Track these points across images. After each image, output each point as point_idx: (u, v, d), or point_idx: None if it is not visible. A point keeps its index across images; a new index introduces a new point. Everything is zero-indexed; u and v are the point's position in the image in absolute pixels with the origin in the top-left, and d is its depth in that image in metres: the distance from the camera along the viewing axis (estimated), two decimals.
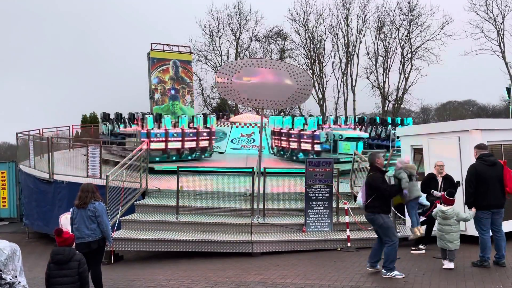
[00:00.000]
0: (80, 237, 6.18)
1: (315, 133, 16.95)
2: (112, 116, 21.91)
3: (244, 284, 6.76)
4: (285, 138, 18.04)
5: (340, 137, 16.97)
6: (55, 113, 69.70)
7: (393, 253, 6.69)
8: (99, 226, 6.26)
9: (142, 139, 15.43)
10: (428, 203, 8.53)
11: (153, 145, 15.71)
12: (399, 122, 22.97)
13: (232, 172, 13.05)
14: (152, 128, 16.45)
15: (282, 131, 18.44)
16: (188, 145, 16.69)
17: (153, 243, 9.69)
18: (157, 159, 15.94)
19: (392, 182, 7.40)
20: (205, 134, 17.17)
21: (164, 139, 16.08)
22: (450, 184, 8.41)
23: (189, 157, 16.84)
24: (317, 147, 16.57)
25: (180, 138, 16.47)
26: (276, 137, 18.87)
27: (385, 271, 6.72)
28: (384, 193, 6.67)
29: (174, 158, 16.39)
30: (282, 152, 18.45)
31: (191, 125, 17.88)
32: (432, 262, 7.79)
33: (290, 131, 17.89)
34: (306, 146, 16.98)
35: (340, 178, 11.19)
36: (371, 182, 6.74)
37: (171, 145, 16.30)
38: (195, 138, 16.87)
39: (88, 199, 6.29)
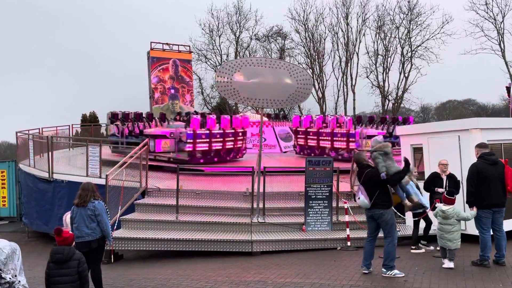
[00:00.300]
0: (80, 236, 6.17)
1: (350, 131, 17.36)
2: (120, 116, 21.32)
3: (244, 283, 6.75)
4: (314, 137, 18.40)
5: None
6: (55, 112, 69.76)
7: (393, 251, 6.70)
8: (99, 225, 6.26)
9: (189, 140, 15.22)
10: (427, 205, 8.53)
11: (199, 146, 15.46)
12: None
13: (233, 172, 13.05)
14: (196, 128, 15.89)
15: (309, 130, 18.76)
16: (227, 145, 16.41)
17: (153, 242, 9.69)
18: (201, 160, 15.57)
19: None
20: (240, 134, 17.07)
21: (208, 140, 15.75)
22: (454, 183, 8.44)
23: (227, 158, 16.66)
24: (352, 145, 16.94)
25: (222, 139, 16.16)
26: (302, 136, 19.16)
27: (385, 270, 6.71)
28: (390, 180, 6.62)
29: (216, 159, 16.06)
30: (309, 151, 18.86)
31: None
32: (432, 261, 7.79)
33: (321, 130, 18.27)
34: (339, 144, 17.34)
35: (340, 177, 11.17)
36: (371, 178, 6.70)
37: (214, 146, 15.93)
38: (233, 138, 16.68)
39: (88, 198, 6.29)
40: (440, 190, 8.44)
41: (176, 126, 17.44)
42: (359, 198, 6.83)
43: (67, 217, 7.62)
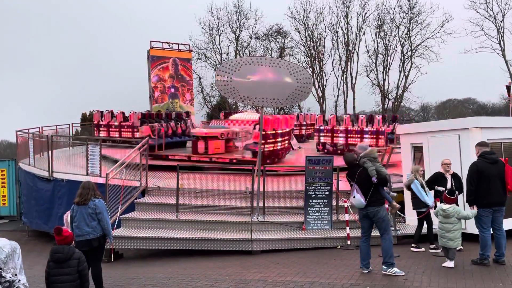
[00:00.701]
0: (81, 234, 6.17)
1: (379, 129, 17.88)
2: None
3: (244, 282, 6.75)
4: (343, 135, 18.79)
5: None
6: (55, 111, 69.73)
7: (391, 247, 6.75)
8: (99, 222, 6.26)
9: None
10: (431, 204, 8.52)
11: (267, 147, 15.19)
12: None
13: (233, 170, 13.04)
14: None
15: (336, 128, 19.12)
16: (284, 145, 16.30)
17: (153, 241, 9.69)
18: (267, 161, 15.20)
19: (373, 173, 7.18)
20: (289, 134, 17.07)
21: (274, 139, 15.52)
22: (459, 182, 8.44)
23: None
24: (381, 143, 17.51)
25: (282, 139, 16.00)
26: (328, 134, 19.47)
27: (385, 267, 6.73)
28: (381, 182, 6.69)
29: (276, 159, 15.82)
30: (335, 148, 19.23)
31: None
32: (431, 260, 7.80)
33: (350, 129, 18.65)
34: (369, 142, 17.64)
35: (340, 176, 11.17)
36: (366, 177, 6.71)
37: (276, 146, 15.67)
38: (287, 137, 16.64)
39: (89, 196, 6.29)
40: (440, 188, 8.44)
41: (222, 127, 17.43)
42: (354, 197, 6.85)
43: (68, 216, 7.63)
